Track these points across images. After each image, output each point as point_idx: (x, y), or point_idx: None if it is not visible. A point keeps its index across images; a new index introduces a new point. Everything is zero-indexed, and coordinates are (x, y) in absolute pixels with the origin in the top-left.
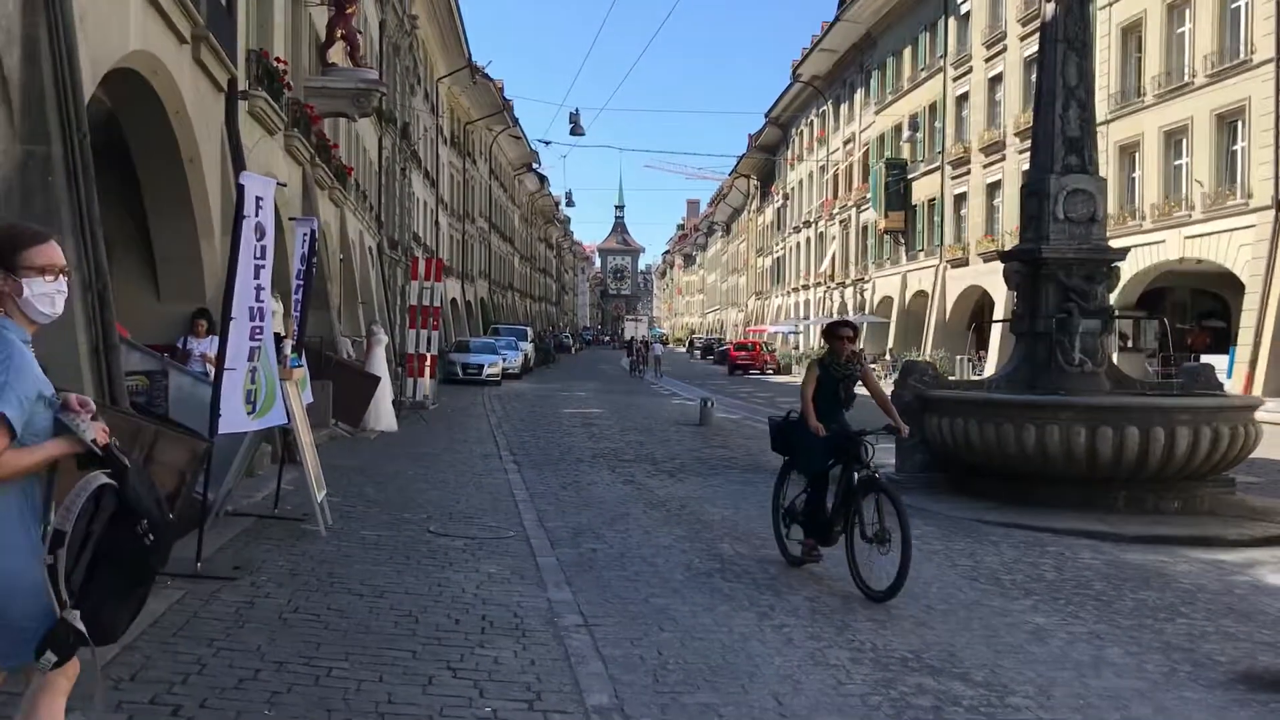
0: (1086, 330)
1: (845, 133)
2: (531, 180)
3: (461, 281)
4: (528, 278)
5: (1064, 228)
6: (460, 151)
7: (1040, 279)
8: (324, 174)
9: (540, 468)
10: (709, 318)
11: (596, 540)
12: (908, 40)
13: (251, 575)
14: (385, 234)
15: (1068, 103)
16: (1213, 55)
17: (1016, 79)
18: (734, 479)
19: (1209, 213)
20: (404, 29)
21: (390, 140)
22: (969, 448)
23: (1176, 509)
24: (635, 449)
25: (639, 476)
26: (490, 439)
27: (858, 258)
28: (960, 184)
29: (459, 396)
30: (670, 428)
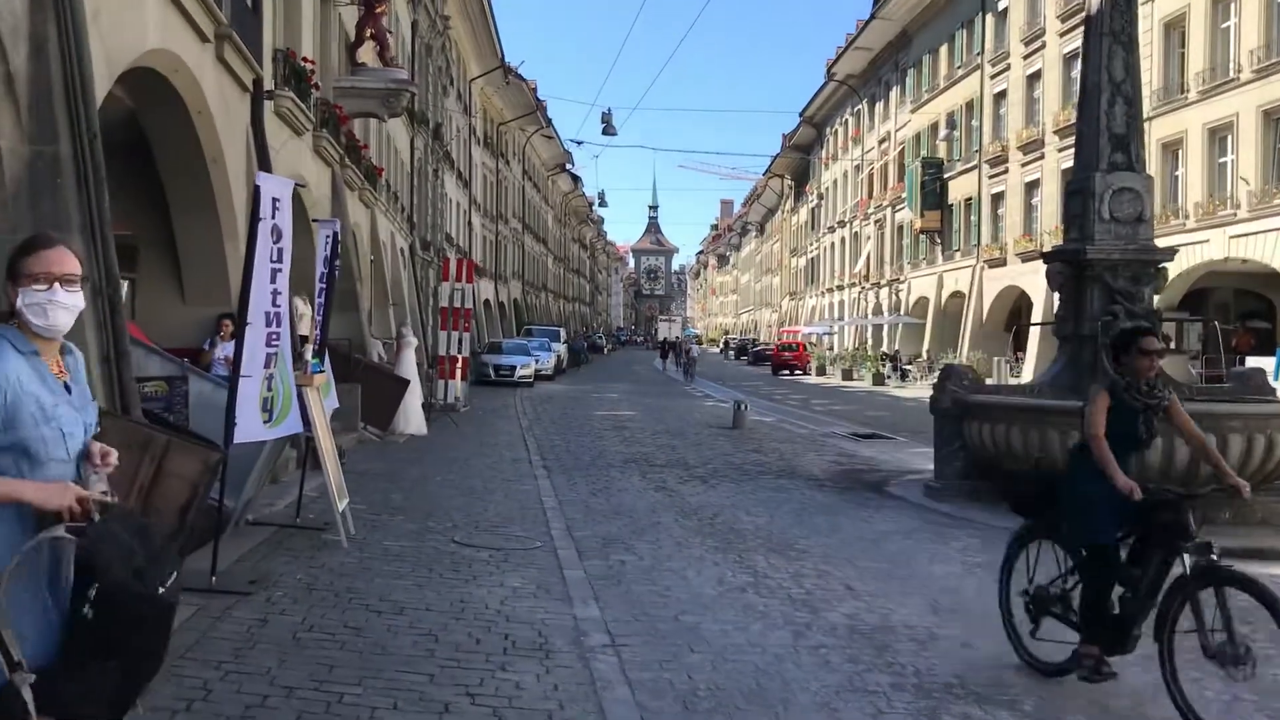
0: None
1: (880, 131)
2: (565, 181)
3: (494, 282)
4: (561, 278)
5: (1109, 227)
6: (493, 152)
7: (1084, 280)
8: (354, 175)
9: (570, 473)
10: (743, 318)
11: (626, 552)
12: (944, 38)
13: (267, 590)
14: (417, 235)
15: (1113, 98)
16: (1259, 50)
17: (1056, 76)
18: (768, 485)
19: (1255, 211)
20: (436, 29)
21: (422, 141)
22: (1011, 455)
23: (1227, 519)
24: (667, 453)
25: (670, 483)
26: (520, 442)
27: (893, 258)
28: (998, 183)
29: (491, 398)
30: (703, 431)
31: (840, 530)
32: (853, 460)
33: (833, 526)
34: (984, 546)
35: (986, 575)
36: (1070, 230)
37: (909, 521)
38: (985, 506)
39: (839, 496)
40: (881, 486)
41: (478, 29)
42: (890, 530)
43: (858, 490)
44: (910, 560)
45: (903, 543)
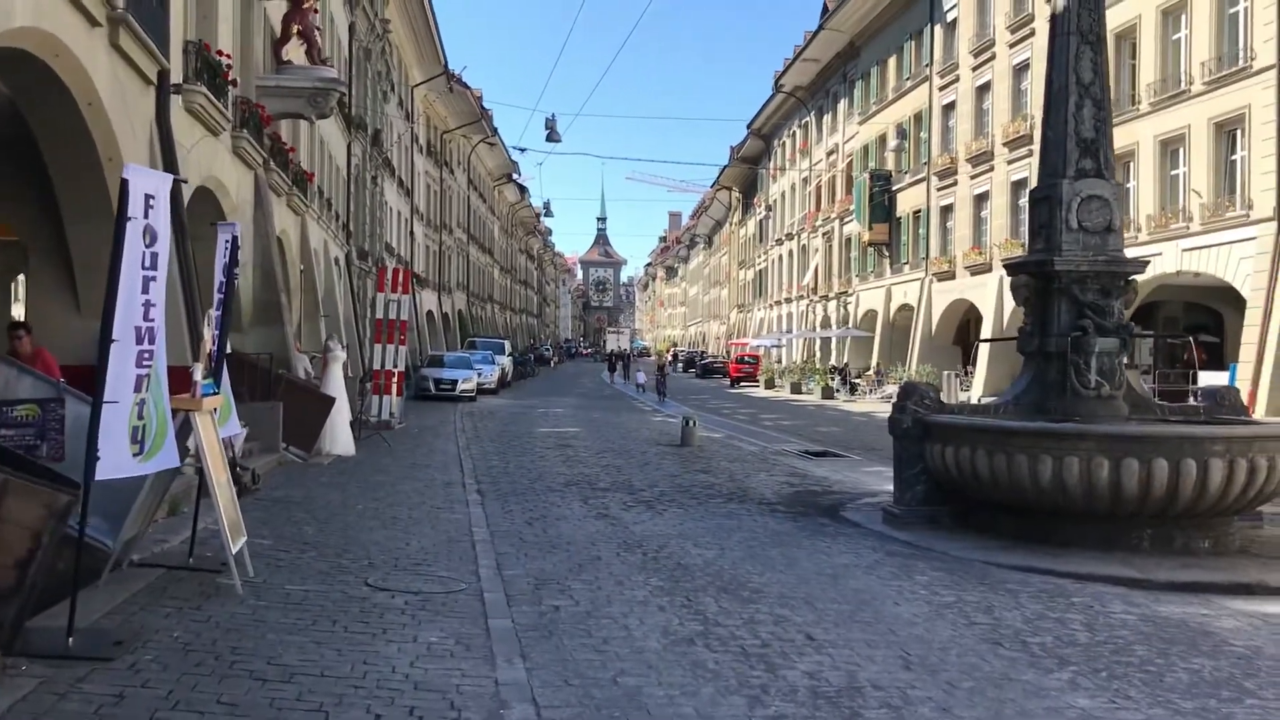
0: (1103, 350)
1: (828, 144)
2: (512, 191)
3: (438, 293)
4: (507, 289)
5: (1077, 237)
6: (437, 160)
7: (1052, 293)
8: (280, 179)
9: (506, 498)
10: (691, 330)
11: (561, 594)
12: (892, 49)
13: (135, 652)
14: (354, 244)
15: (1081, 101)
16: (1210, 62)
17: (1005, 87)
18: (717, 510)
19: (1207, 224)
20: (375, 33)
21: (360, 147)
22: (976, 479)
23: (1207, 548)
24: (611, 475)
25: (614, 509)
26: (455, 464)
27: (841, 270)
28: (947, 195)
29: (430, 414)
30: (650, 449)
31: (796, 565)
32: (805, 481)
33: (788, 560)
34: (952, 582)
35: (957, 618)
36: (1036, 240)
37: (869, 553)
38: (948, 535)
39: (793, 524)
40: (837, 511)
41: (420, 34)
42: (850, 564)
43: (812, 516)
44: (874, 600)
45: (865, 579)
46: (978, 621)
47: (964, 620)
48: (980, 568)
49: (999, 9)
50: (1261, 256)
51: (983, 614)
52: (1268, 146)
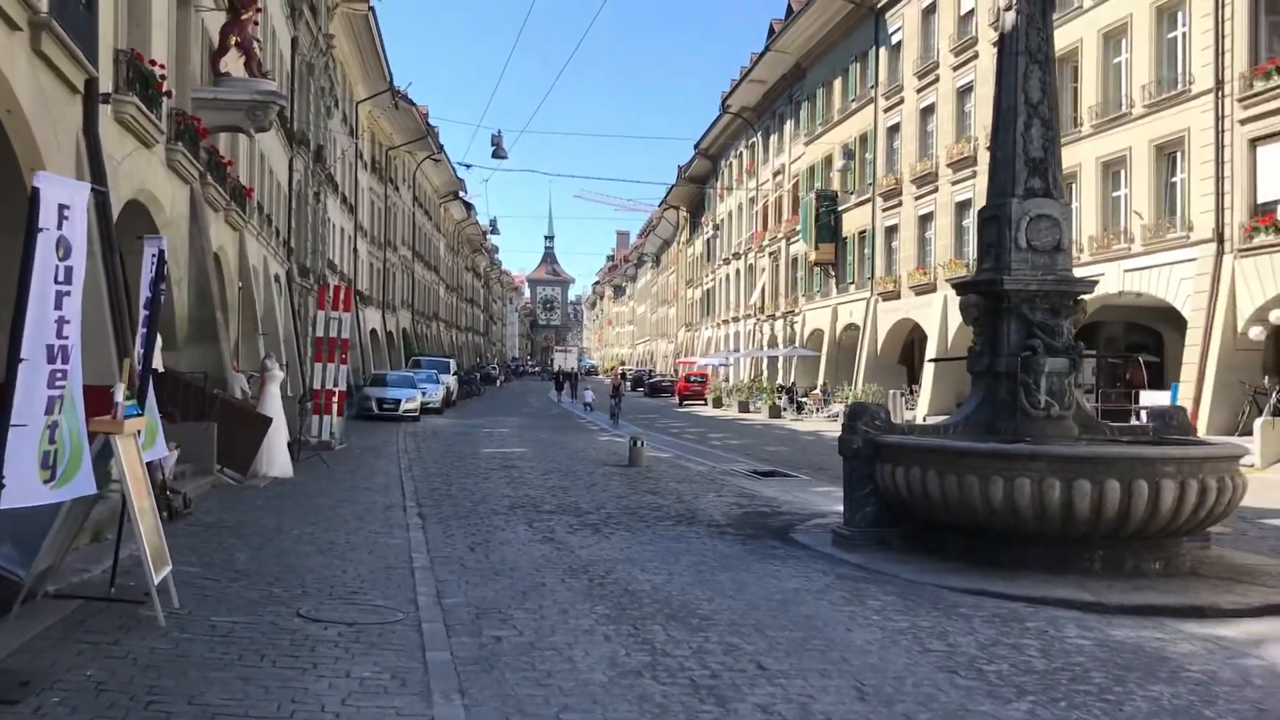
0: (1053, 370)
1: (775, 164)
2: (458, 208)
3: (382, 311)
4: (454, 307)
5: (1026, 256)
6: (381, 177)
7: (1001, 313)
8: (217, 194)
9: (448, 522)
10: (639, 349)
11: (503, 624)
12: (837, 71)
13: (41, 694)
14: (296, 261)
15: (1030, 120)
16: (1151, 85)
17: (949, 109)
18: (665, 533)
19: (1149, 245)
20: (319, 48)
21: (303, 163)
22: (927, 501)
23: (1158, 569)
24: (557, 497)
25: (559, 532)
26: (397, 486)
27: (788, 290)
28: (891, 216)
29: (372, 434)
30: (597, 470)
31: (746, 589)
32: (754, 501)
33: (738, 585)
34: (904, 607)
35: (912, 644)
36: (985, 259)
37: (820, 577)
38: (899, 557)
39: (742, 546)
40: (787, 533)
41: (364, 50)
42: (801, 588)
43: (762, 538)
44: (826, 626)
45: (816, 604)
46: (932, 648)
47: (918, 647)
48: (932, 591)
49: (943, 32)
50: (1201, 278)
51: (937, 640)
52: (1207, 169)
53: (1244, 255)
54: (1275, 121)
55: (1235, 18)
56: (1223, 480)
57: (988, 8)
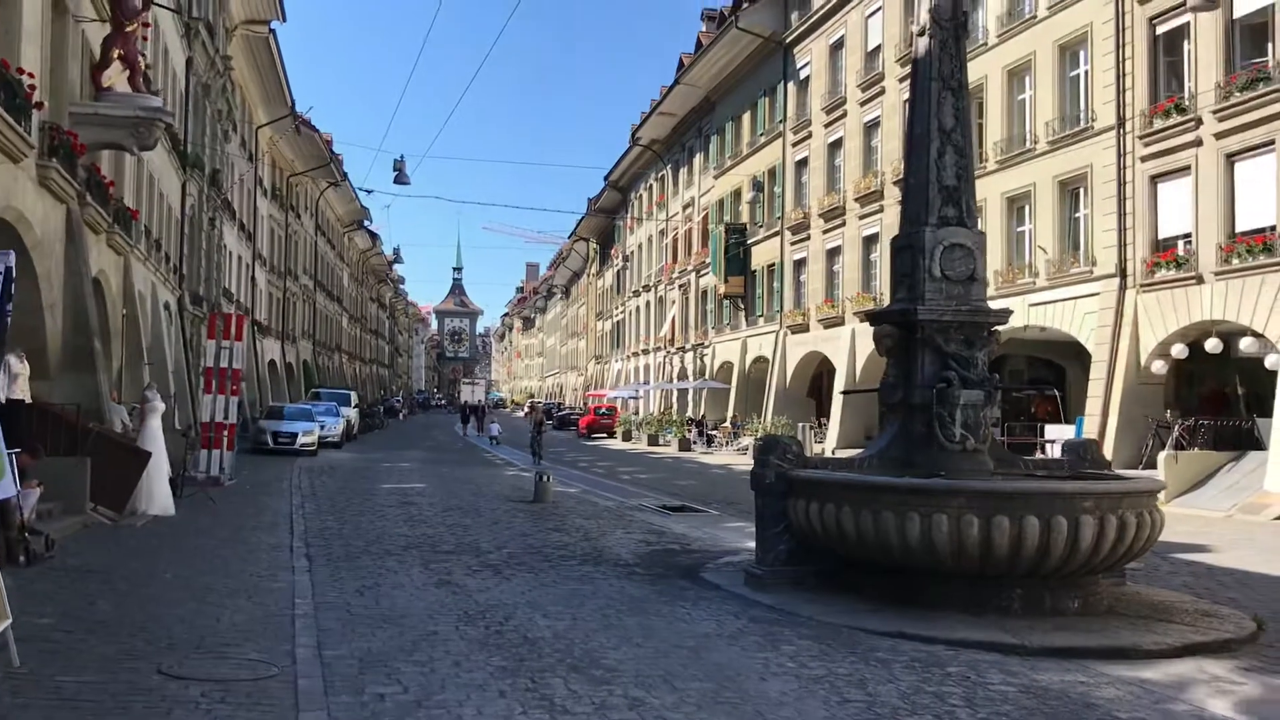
0: (968, 402)
1: (685, 197)
2: (363, 238)
3: (281, 342)
4: (357, 339)
5: (941, 286)
6: (282, 205)
7: (915, 344)
8: (98, 215)
9: (337, 564)
10: (548, 381)
11: (388, 679)
12: (746, 105)
13: None
14: (188, 288)
15: (943, 148)
16: (1054, 122)
17: (856, 144)
18: (570, 574)
19: (1053, 280)
20: (215, 69)
21: (197, 187)
22: (842, 538)
23: (1076, 608)
24: (457, 535)
25: (457, 574)
26: (286, 524)
27: (698, 322)
28: (800, 249)
29: (265, 469)
30: (500, 506)
31: (654, 635)
32: (663, 538)
33: (645, 630)
34: (820, 652)
35: (829, 694)
36: (899, 289)
37: (732, 620)
38: (813, 597)
39: (651, 587)
40: (697, 572)
41: (265, 74)
42: (712, 633)
43: (671, 578)
44: (739, 676)
45: (728, 650)
46: (851, 699)
47: (836, 697)
48: (849, 634)
49: (850, 67)
50: (1105, 312)
51: (856, 689)
52: (1109, 205)
53: (1146, 290)
54: (1175, 159)
55: (1135, 57)
56: (1141, 516)
57: (894, 44)
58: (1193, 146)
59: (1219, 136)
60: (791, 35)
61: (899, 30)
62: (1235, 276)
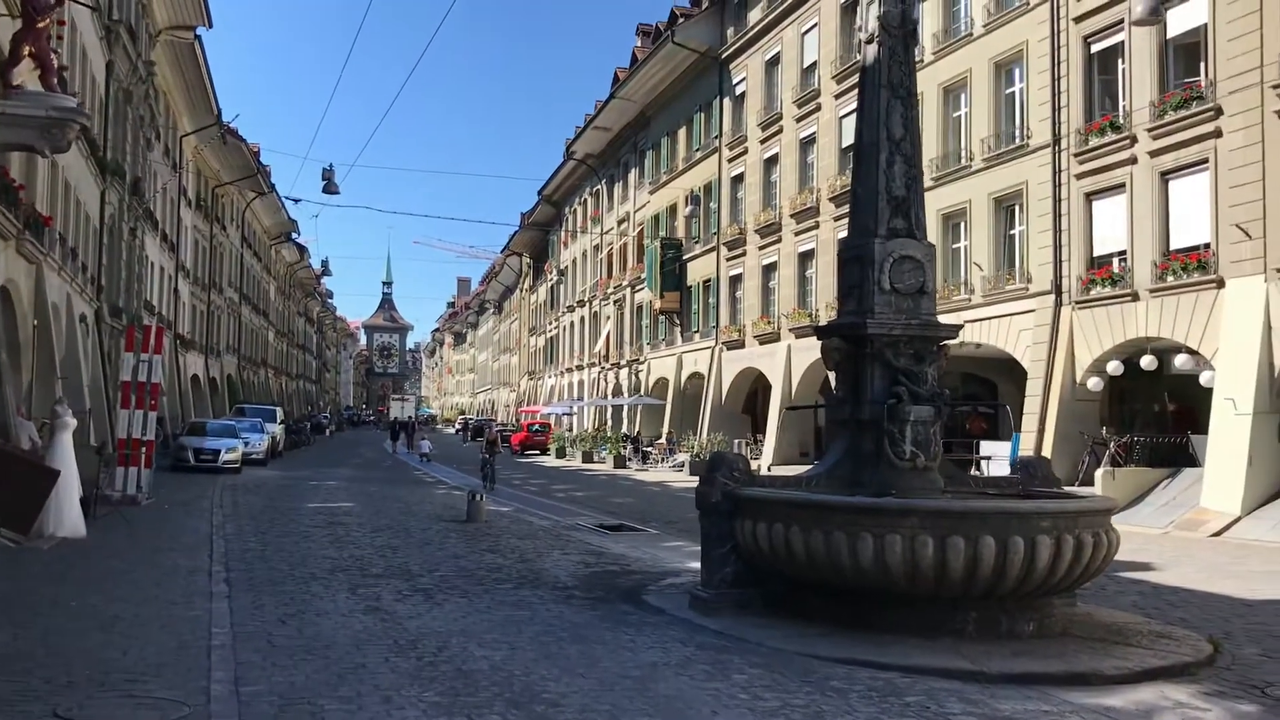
0: (919, 419)
1: (620, 212)
2: (290, 251)
3: (205, 356)
4: (284, 354)
5: (890, 300)
6: (207, 216)
7: (864, 358)
8: (6, 220)
9: (259, 589)
10: (480, 398)
11: (311, 719)
12: (682, 120)
13: None
14: (106, 300)
15: (892, 157)
16: (990, 139)
17: (793, 160)
18: (507, 598)
19: (989, 297)
20: (138, 75)
21: (117, 195)
22: (791, 559)
23: (1032, 631)
24: (386, 557)
25: (386, 600)
26: (205, 546)
27: (633, 338)
28: (736, 265)
29: (186, 488)
30: (432, 526)
31: (598, 665)
32: (603, 559)
33: (588, 660)
34: (774, 682)
35: None
36: (847, 301)
37: (678, 648)
38: (762, 621)
39: (592, 612)
40: (639, 595)
41: (190, 81)
42: (658, 662)
43: (613, 602)
44: (689, 709)
45: (676, 681)
46: None
47: None
48: (802, 661)
49: (786, 83)
50: (1041, 329)
51: None
52: (1045, 222)
53: (1081, 307)
54: (1110, 176)
55: (1070, 75)
56: (1098, 535)
57: (830, 61)
58: (1127, 164)
59: (1153, 155)
60: (727, 51)
61: (835, 47)
62: (1170, 294)
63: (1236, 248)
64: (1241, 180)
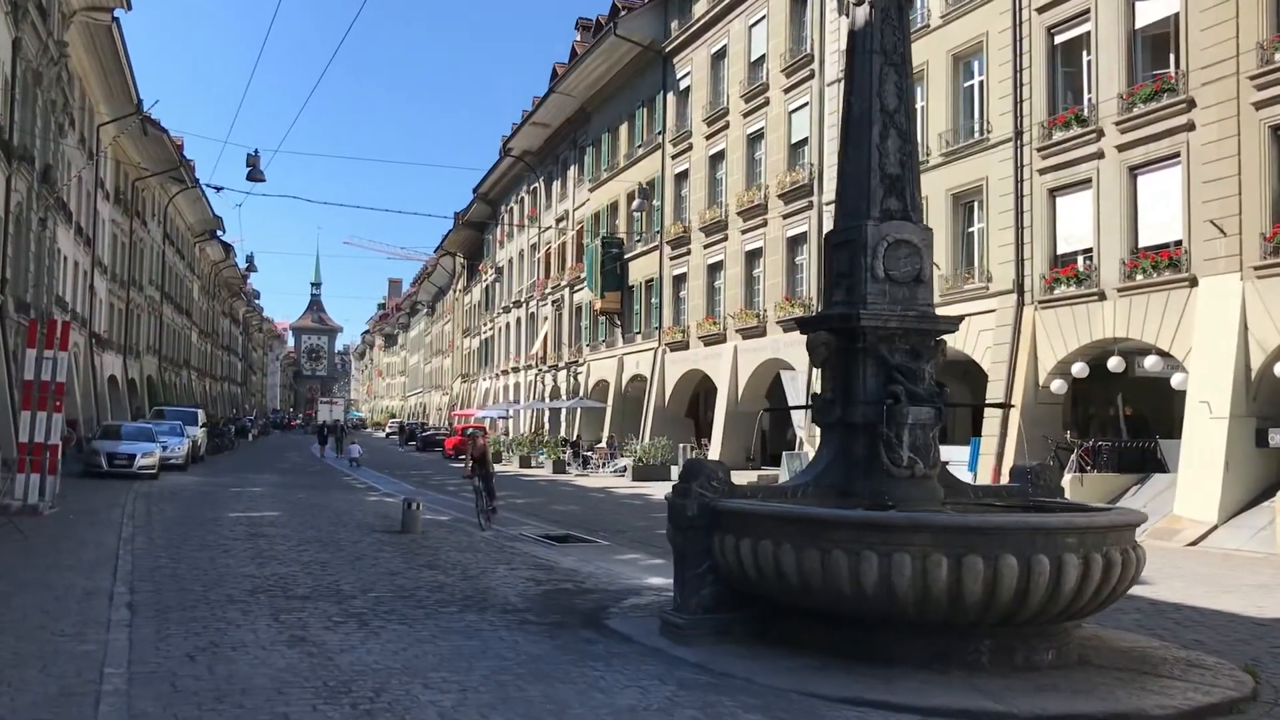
0: (917, 421)
1: (559, 210)
2: (215, 249)
3: (124, 356)
4: (208, 355)
5: (884, 289)
6: (127, 210)
7: (856, 354)
8: None
9: (167, 616)
10: (411, 401)
11: None
12: (624, 116)
13: None
14: (12, 294)
15: (886, 130)
16: (948, 133)
17: (739, 156)
18: (452, 624)
19: (946, 296)
20: (49, 55)
21: (25, 183)
22: (781, 581)
23: (1051, 660)
24: (314, 575)
25: (314, 628)
26: (109, 563)
27: (572, 339)
28: (680, 264)
29: (97, 495)
30: (365, 538)
31: (567, 711)
32: (554, 575)
33: (555, 704)
34: None
35: None
36: (836, 291)
37: (657, 686)
38: (746, 651)
39: (550, 641)
40: (600, 619)
41: (107, 66)
42: (637, 705)
43: (573, 628)
44: None
45: None
46: None
47: None
48: (803, 703)
49: (733, 78)
50: (1002, 329)
51: None
52: (1006, 219)
53: (1045, 307)
54: (1075, 171)
55: (1033, 66)
56: (1126, 553)
57: (779, 54)
58: (1094, 159)
59: (1121, 149)
60: (672, 44)
61: (784, 40)
62: (1139, 293)
63: (1210, 245)
64: (1215, 175)
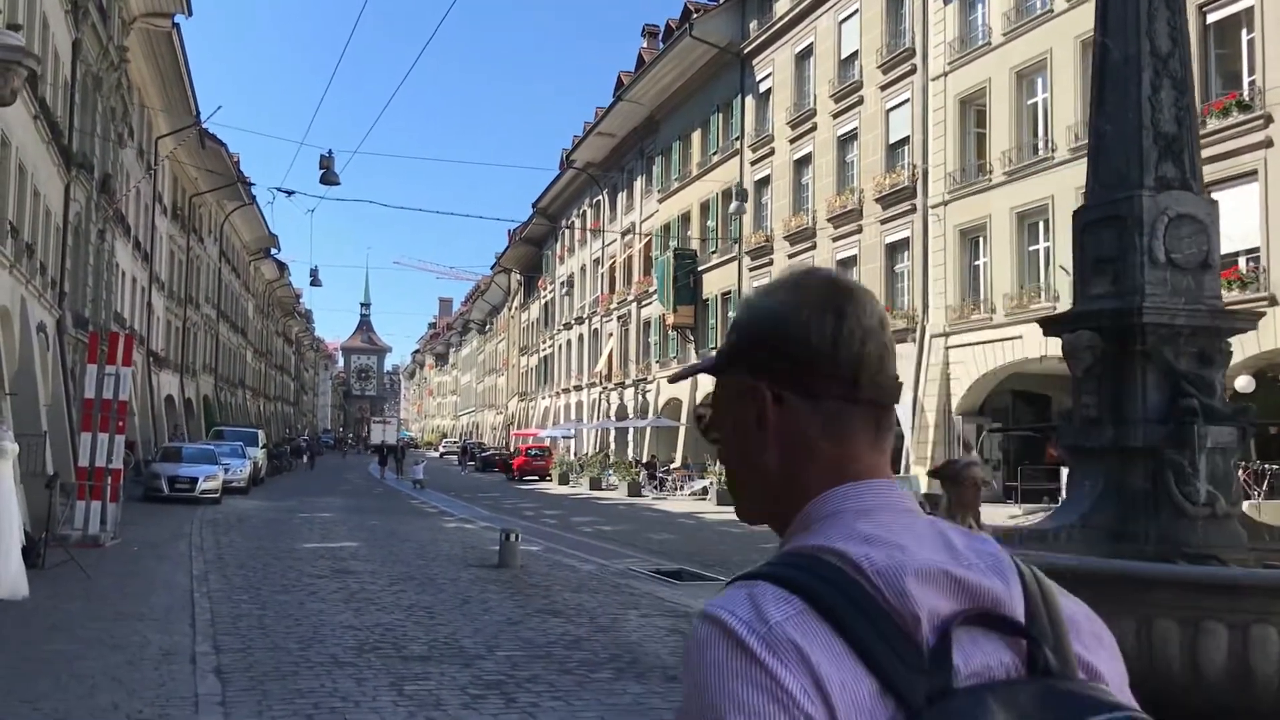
0: (1217, 444)
1: (624, 222)
2: (270, 267)
3: (180, 376)
4: (262, 374)
5: (1164, 276)
6: (184, 226)
7: (1132, 358)
8: None
9: (264, 686)
10: (463, 420)
11: None
12: (697, 122)
13: None
14: (70, 308)
15: (1158, 79)
16: (1010, 151)
17: (829, 160)
18: (614, 698)
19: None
20: (109, 60)
21: (84, 192)
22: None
23: None
24: (424, 626)
25: (451, 705)
26: (185, 609)
27: (639, 356)
28: (761, 275)
29: (159, 523)
30: (461, 573)
31: None
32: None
33: None
34: None
35: None
36: (1094, 282)
37: None
38: None
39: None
40: None
41: (167, 75)
42: None
43: None
44: None
45: None
46: None
47: None
48: None
49: (821, 77)
50: None
51: None
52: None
53: None
54: (1235, 163)
55: None
56: None
57: (875, 49)
58: (1260, 148)
59: None
60: (750, 45)
61: (879, 34)
62: None
63: None
64: None
